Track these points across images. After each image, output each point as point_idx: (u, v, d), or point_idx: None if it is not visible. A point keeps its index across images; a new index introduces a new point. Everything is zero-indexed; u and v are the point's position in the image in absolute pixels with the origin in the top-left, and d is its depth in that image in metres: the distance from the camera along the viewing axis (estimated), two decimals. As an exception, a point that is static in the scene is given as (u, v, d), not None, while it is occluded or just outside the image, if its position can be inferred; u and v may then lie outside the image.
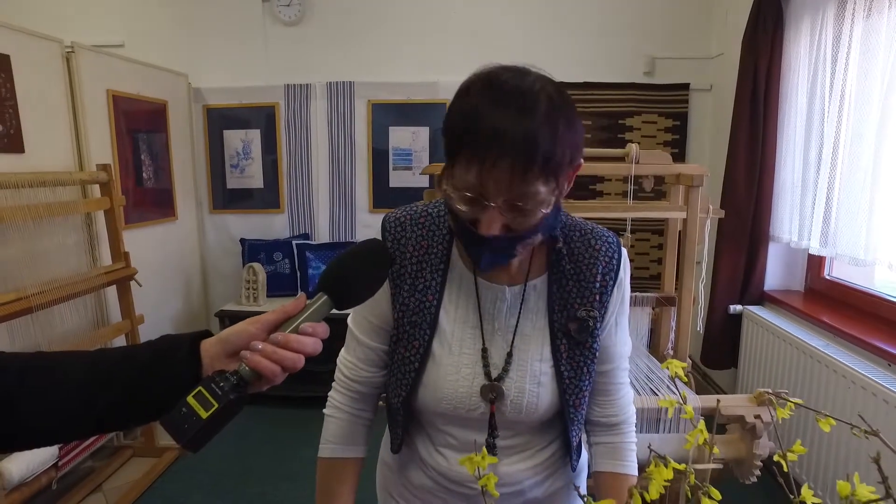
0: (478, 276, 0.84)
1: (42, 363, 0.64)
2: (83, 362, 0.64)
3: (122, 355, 0.65)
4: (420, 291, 0.83)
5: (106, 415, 0.62)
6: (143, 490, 2.54)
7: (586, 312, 0.82)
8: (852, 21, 2.10)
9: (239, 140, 3.68)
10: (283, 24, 3.54)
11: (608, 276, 0.83)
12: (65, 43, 2.50)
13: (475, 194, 0.69)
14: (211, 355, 0.63)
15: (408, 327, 0.84)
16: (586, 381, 0.85)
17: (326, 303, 0.64)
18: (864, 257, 2.04)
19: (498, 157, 0.65)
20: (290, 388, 3.26)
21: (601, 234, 0.86)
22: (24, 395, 0.60)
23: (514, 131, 0.65)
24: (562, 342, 0.83)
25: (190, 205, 3.62)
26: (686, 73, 3.39)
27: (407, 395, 0.85)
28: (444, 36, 3.47)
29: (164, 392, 0.60)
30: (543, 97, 0.69)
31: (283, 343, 0.60)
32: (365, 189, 3.65)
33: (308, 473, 2.65)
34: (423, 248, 0.84)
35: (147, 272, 2.78)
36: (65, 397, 0.61)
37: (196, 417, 0.55)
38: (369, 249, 0.68)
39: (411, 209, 0.88)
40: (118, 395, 0.62)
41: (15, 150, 2.21)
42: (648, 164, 2.06)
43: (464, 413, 0.83)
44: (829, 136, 2.25)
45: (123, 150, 2.95)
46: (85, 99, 2.61)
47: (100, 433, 0.67)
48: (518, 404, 0.83)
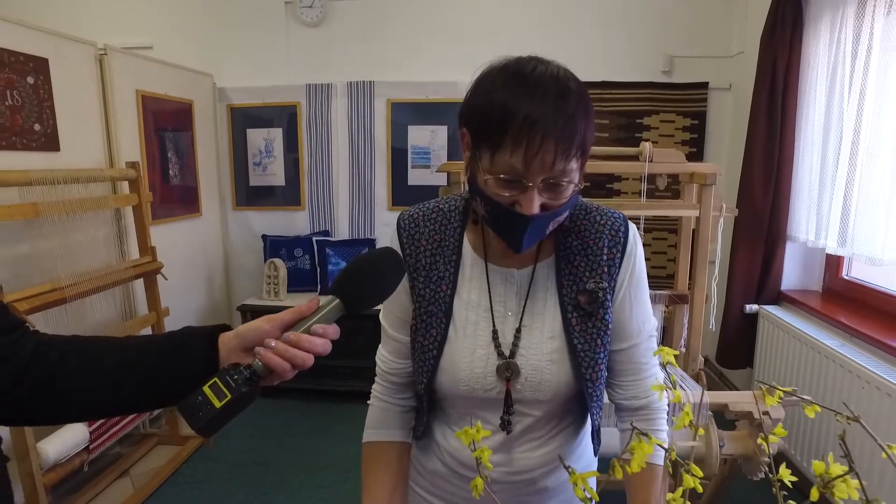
0: (488, 262, 0.88)
1: (79, 346, 0.70)
2: (113, 348, 0.70)
3: (147, 343, 0.71)
4: (434, 282, 0.88)
5: (131, 397, 0.68)
6: (167, 476, 2.63)
7: (595, 284, 0.85)
8: (873, 18, 2.08)
9: (261, 138, 3.77)
10: (305, 25, 3.62)
11: (615, 249, 0.86)
12: (98, 45, 2.60)
13: (516, 177, 0.73)
14: (228, 348, 0.68)
15: (425, 317, 0.88)
16: (601, 354, 0.86)
17: (338, 306, 0.67)
18: (882, 257, 2.03)
19: (544, 139, 0.70)
20: (308, 381, 3.35)
21: (607, 211, 0.89)
22: (64, 375, 0.66)
23: (557, 116, 0.71)
24: (573, 315, 0.85)
25: (214, 201, 3.72)
26: (705, 72, 3.37)
27: (428, 382, 0.88)
28: (462, 36, 3.51)
29: (183, 380, 0.65)
30: (573, 83, 0.75)
31: (294, 342, 0.64)
32: (384, 187, 3.72)
33: (324, 463, 2.72)
34: (437, 242, 0.89)
35: (172, 266, 2.87)
36: (97, 379, 0.67)
37: (210, 406, 0.60)
38: (383, 257, 0.71)
39: (424, 206, 0.93)
40: (142, 379, 0.67)
41: (51, 148, 2.32)
42: (662, 162, 2.08)
43: (481, 394, 0.86)
44: (847, 135, 2.23)
45: (151, 149, 3.06)
46: (116, 99, 2.71)
47: (125, 414, 0.73)
48: (534, 382, 0.85)
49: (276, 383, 0.66)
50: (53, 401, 0.66)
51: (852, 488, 0.51)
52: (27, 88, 2.20)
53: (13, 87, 2.13)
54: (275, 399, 3.39)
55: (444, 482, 0.96)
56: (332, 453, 2.82)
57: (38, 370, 0.65)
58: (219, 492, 2.53)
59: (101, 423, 2.36)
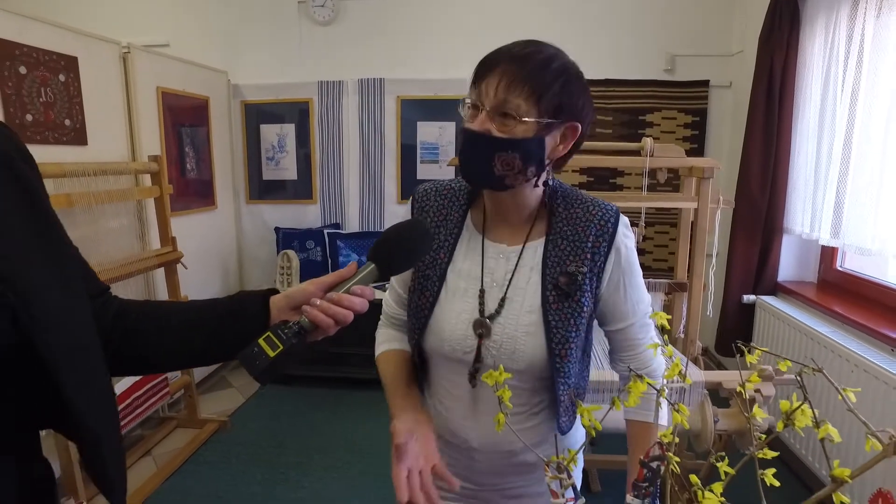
0: (485, 238, 0.98)
1: (151, 308, 0.81)
2: (180, 310, 0.81)
3: (210, 305, 0.81)
4: (434, 250, 0.98)
5: (198, 351, 0.80)
6: (187, 457, 2.75)
7: (576, 268, 0.92)
8: (864, 20, 2.18)
9: (274, 134, 3.88)
10: (317, 23, 3.73)
11: (601, 239, 0.92)
12: (122, 44, 2.72)
13: (475, 101, 0.87)
14: (278, 308, 0.79)
15: (422, 279, 0.98)
16: (573, 333, 0.92)
17: (373, 271, 0.77)
18: (871, 247, 2.13)
19: (494, 69, 0.85)
20: (322, 369, 3.48)
21: (601, 203, 0.96)
22: (141, 332, 0.77)
23: (511, 52, 0.85)
24: (551, 293, 0.92)
25: (228, 194, 3.84)
26: (706, 71, 3.47)
27: (418, 339, 0.98)
28: (470, 35, 3.61)
29: (241, 335, 0.74)
30: (555, 52, 0.87)
31: (336, 300, 0.73)
32: (393, 181, 3.83)
33: (338, 445, 2.84)
34: (442, 215, 1.00)
35: (189, 257, 2.99)
36: (168, 336, 0.78)
37: (265, 356, 0.69)
38: (413, 228, 0.83)
39: (438, 183, 1.05)
40: (206, 336, 0.78)
41: (80, 142, 2.43)
42: (663, 157, 2.18)
43: (461, 355, 0.95)
44: (839, 131, 2.33)
45: (170, 143, 3.17)
46: (138, 95, 2.83)
47: (193, 366, 0.84)
48: (509, 350, 0.93)
49: (320, 338, 0.76)
50: (134, 354, 0.77)
51: (808, 417, 0.62)
52: (59, 86, 2.32)
53: (47, 85, 2.24)
54: (290, 386, 3.51)
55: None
56: (345, 436, 2.94)
57: (121, 328, 0.76)
58: (237, 471, 2.65)
59: (125, 405, 2.48)
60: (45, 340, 0.57)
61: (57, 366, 0.58)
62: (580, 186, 3.66)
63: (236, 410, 3.28)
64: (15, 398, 0.60)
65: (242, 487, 2.52)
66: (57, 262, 0.64)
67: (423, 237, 0.84)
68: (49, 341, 0.57)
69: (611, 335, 1.01)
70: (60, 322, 0.60)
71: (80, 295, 0.68)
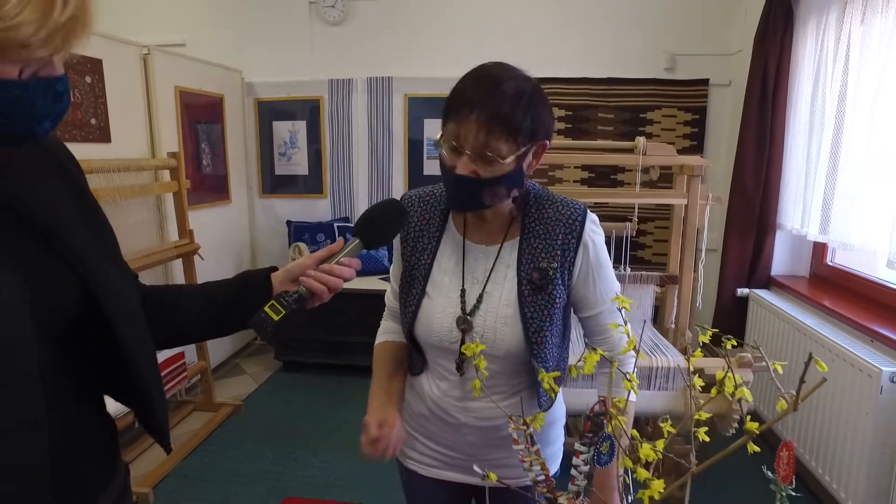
0: (466, 238, 1.08)
1: (171, 291, 0.95)
2: (198, 290, 0.95)
3: (223, 284, 0.95)
4: (419, 252, 1.10)
5: (214, 323, 0.93)
6: (204, 438, 2.91)
7: (547, 263, 1.02)
8: (850, 24, 2.27)
9: (286, 130, 4.02)
10: (328, 24, 3.85)
11: (570, 236, 1.03)
12: (142, 46, 2.86)
13: (455, 144, 0.93)
14: (279, 281, 0.92)
15: (409, 278, 1.11)
16: (547, 323, 1.02)
17: (359, 244, 0.92)
18: (853, 242, 2.23)
19: (470, 114, 0.90)
20: (329, 357, 3.64)
21: (570, 203, 1.06)
22: (164, 311, 0.90)
23: (484, 97, 0.91)
24: (526, 287, 1.03)
25: (242, 189, 3.99)
26: (706, 69, 3.55)
27: (409, 330, 1.10)
28: (476, 34, 3.72)
29: (249, 305, 0.87)
30: (512, 81, 0.93)
31: (327, 270, 0.87)
32: (401, 176, 3.96)
33: (344, 428, 2.99)
34: (425, 220, 1.11)
35: (204, 249, 3.13)
36: (190, 312, 0.92)
37: (270, 321, 0.83)
38: (389, 207, 0.97)
39: (422, 190, 1.16)
40: (221, 310, 0.92)
41: (104, 140, 2.59)
42: (655, 155, 2.29)
43: (448, 345, 1.06)
44: (828, 131, 2.42)
45: (186, 140, 3.32)
46: (157, 94, 2.98)
47: (211, 337, 0.98)
48: (489, 339, 1.03)
49: (317, 304, 0.90)
50: (162, 328, 0.89)
51: (733, 384, 0.74)
52: (85, 87, 2.46)
53: (75, 86, 2.39)
54: (299, 373, 3.67)
55: (427, 422, 1.16)
56: (351, 419, 3.08)
57: (149, 306, 0.89)
58: (250, 451, 2.80)
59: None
60: (109, 306, 0.70)
61: (120, 330, 0.71)
62: (581, 183, 3.77)
63: (249, 395, 3.44)
64: (85, 363, 0.73)
65: (255, 466, 2.67)
66: (106, 243, 0.78)
67: (399, 214, 0.98)
68: (111, 307, 0.70)
69: (583, 321, 1.12)
70: (118, 292, 0.73)
71: (127, 272, 0.81)
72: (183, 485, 2.53)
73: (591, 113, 3.69)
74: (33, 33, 0.55)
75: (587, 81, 3.64)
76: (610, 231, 2.48)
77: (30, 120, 0.61)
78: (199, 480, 2.56)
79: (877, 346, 2.08)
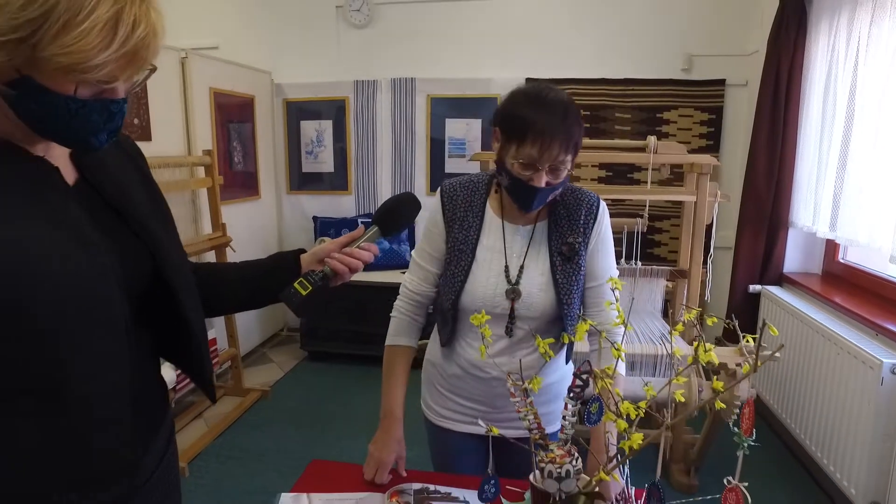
0: (504, 220, 1.27)
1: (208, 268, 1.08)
2: (234, 268, 1.09)
3: (256, 263, 1.08)
4: (465, 230, 1.27)
5: (250, 296, 1.06)
6: (235, 419, 3.08)
7: (573, 238, 1.24)
8: (860, 26, 2.32)
9: (313, 129, 4.19)
10: (354, 27, 4.00)
11: (589, 217, 1.26)
12: (180, 49, 3.04)
13: (531, 162, 1.12)
14: (306, 262, 1.05)
15: (456, 253, 1.26)
16: (575, 287, 1.24)
17: (377, 231, 1.04)
18: (861, 240, 2.29)
19: (552, 140, 1.11)
20: (352, 347, 3.79)
21: (585, 191, 1.30)
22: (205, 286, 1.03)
23: (560, 125, 1.11)
24: (557, 259, 1.24)
25: (271, 185, 4.17)
26: (722, 70, 3.60)
27: (455, 299, 1.25)
28: (496, 37, 3.83)
29: (281, 282, 0.99)
30: (571, 105, 1.16)
31: (349, 253, 1.00)
32: (423, 174, 4.09)
33: (366, 413, 3.13)
34: (468, 202, 1.29)
35: (236, 241, 3.30)
36: (227, 287, 1.06)
37: (299, 295, 0.96)
38: (405, 198, 1.10)
39: (460, 178, 1.33)
40: (255, 286, 1.05)
41: (146, 138, 2.77)
42: (665, 154, 2.38)
43: (490, 310, 1.21)
44: (838, 130, 2.48)
45: (219, 138, 3.50)
46: (194, 95, 3.16)
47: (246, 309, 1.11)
48: (528, 303, 1.23)
49: (339, 283, 1.02)
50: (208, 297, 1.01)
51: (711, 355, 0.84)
52: (129, 88, 2.64)
53: (120, 88, 2.57)
54: (324, 363, 3.84)
55: (461, 382, 1.33)
56: (372, 406, 3.20)
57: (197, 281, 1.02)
58: (278, 432, 2.96)
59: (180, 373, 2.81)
60: (172, 276, 0.84)
61: (181, 296, 0.85)
62: (599, 180, 3.85)
63: (276, 382, 3.61)
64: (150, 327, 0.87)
65: (282, 445, 2.84)
66: (169, 224, 0.92)
67: (413, 205, 1.11)
68: (174, 277, 0.84)
69: (584, 292, 1.29)
70: (179, 266, 0.87)
71: (182, 249, 0.95)
72: (214, 461, 2.70)
73: (608, 113, 3.77)
74: (85, 61, 0.63)
75: (605, 82, 3.72)
76: (622, 226, 2.58)
77: (85, 132, 0.71)
78: (228, 458, 2.73)
79: (880, 339, 2.14)
